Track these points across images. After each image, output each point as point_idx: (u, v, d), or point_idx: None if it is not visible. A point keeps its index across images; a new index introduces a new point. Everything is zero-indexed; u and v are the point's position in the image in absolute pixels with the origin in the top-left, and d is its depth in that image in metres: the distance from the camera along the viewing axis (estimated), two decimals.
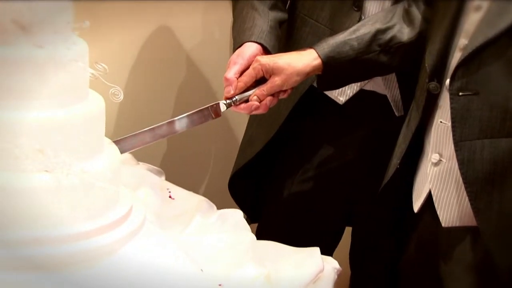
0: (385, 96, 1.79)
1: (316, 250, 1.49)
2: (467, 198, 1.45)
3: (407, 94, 1.75)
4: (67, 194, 1.24)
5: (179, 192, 1.70)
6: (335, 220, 1.91)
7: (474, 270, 1.49)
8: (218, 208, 1.67)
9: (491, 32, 1.39)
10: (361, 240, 1.92)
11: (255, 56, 1.62)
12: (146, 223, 1.42)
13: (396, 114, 1.80)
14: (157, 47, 2.14)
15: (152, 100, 2.17)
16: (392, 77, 1.77)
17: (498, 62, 1.40)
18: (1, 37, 1.21)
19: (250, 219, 1.62)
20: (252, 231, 1.61)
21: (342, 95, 1.79)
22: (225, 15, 1.88)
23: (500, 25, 1.39)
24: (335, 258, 1.54)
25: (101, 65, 1.31)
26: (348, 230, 1.96)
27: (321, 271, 1.45)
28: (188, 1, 2.17)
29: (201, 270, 1.36)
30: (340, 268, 1.51)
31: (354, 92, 1.78)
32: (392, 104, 1.79)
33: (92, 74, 1.32)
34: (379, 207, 1.76)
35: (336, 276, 1.49)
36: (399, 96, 1.78)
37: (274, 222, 1.90)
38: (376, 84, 1.78)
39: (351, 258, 1.95)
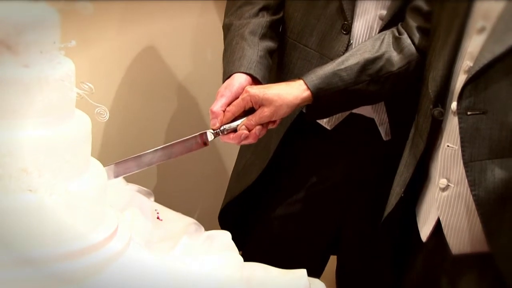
0: (373, 120, 1.78)
1: (303, 272, 1.48)
2: (477, 222, 1.43)
3: (395, 118, 1.75)
4: (51, 214, 1.23)
5: (167, 213, 1.69)
6: (322, 243, 1.89)
7: None
8: (208, 230, 1.66)
9: (498, 49, 1.37)
10: (349, 265, 1.91)
11: (243, 87, 1.62)
12: (132, 244, 1.42)
13: (384, 138, 1.79)
14: (147, 67, 2.14)
15: (142, 121, 2.17)
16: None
17: (506, 80, 1.38)
18: None
19: (238, 246, 1.62)
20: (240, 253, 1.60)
21: (330, 121, 1.79)
22: (218, 35, 1.88)
23: (508, 42, 1.37)
24: (322, 281, 1.52)
25: (87, 85, 1.31)
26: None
27: None
28: (180, 21, 2.17)
29: None
30: None
31: (343, 117, 1.78)
32: (379, 128, 1.78)
33: (78, 93, 1.32)
34: (368, 231, 1.75)
35: None
36: (387, 120, 1.77)
37: (260, 244, 1.89)
38: (364, 108, 1.77)
39: (338, 282, 1.94)
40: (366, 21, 1.71)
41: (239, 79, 1.64)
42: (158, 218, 1.66)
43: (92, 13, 1.76)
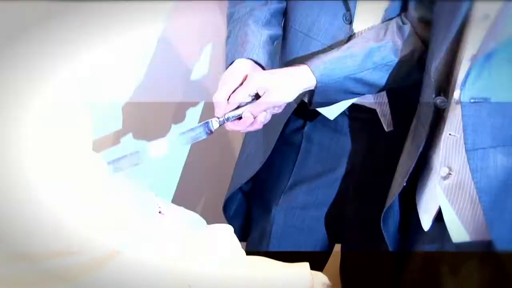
0: (374, 111, 1.78)
1: (306, 265, 1.48)
2: (478, 211, 1.43)
3: (397, 109, 1.74)
4: (49, 210, 1.23)
5: (169, 207, 1.69)
6: (325, 235, 1.89)
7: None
8: (211, 223, 1.65)
9: (502, 37, 1.37)
10: (352, 257, 1.91)
11: (246, 73, 1.62)
12: (133, 240, 1.41)
13: (386, 129, 1.79)
14: (151, 61, 2.15)
15: (146, 114, 2.17)
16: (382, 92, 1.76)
17: (509, 67, 1.38)
18: None
19: (240, 238, 1.62)
20: (242, 247, 1.60)
21: (332, 110, 1.78)
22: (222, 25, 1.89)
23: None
24: (324, 274, 1.52)
25: None
26: (337, 246, 1.95)
27: (311, 287, 1.43)
28: (184, 15, 2.18)
29: (189, 286, 1.35)
30: (330, 284, 1.49)
31: (345, 107, 1.77)
32: (381, 119, 1.78)
33: None
34: (371, 223, 1.75)
35: None
36: (389, 111, 1.77)
37: (263, 235, 1.89)
38: (366, 99, 1.77)
39: (341, 275, 1.94)
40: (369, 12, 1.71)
41: (242, 66, 1.64)
42: (160, 212, 1.66)
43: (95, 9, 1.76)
